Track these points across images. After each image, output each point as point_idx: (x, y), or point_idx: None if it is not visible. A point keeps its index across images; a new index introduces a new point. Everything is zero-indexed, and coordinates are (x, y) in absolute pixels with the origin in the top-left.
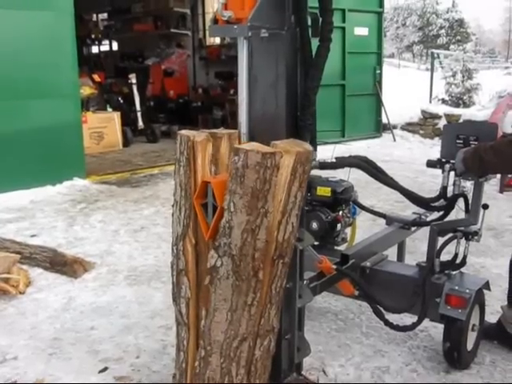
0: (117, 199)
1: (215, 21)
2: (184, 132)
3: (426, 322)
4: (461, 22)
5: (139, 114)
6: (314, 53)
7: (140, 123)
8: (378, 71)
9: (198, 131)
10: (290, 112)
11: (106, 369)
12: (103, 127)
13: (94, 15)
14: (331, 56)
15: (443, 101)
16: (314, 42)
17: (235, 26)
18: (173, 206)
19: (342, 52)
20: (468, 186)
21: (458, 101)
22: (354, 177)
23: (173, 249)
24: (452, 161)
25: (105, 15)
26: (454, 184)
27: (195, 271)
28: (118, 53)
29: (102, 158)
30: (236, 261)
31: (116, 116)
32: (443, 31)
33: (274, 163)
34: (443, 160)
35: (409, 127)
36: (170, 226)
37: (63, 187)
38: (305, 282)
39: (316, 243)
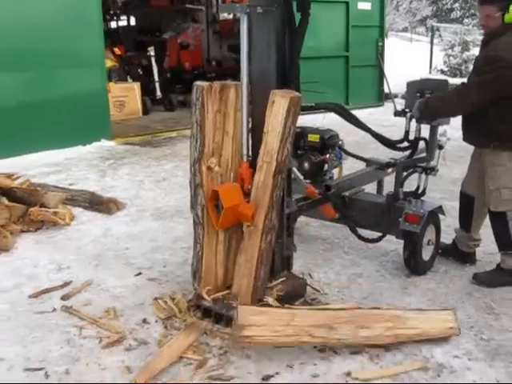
0: (140, 157)
1: (223, 1)
2: (198, 82)
3: (398, 245)
4: None
5: (157, 85)
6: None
7: (158, 93)
8: (380, 43)
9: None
10: (279, 69)
11: (140, 273)
12: (125, 96)
13: None
14: (336, 29)
15: (442, 71)
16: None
17: (237, 5)
18: (190, 137)
19: (346, 26)
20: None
21: (456, 71)
22: (355, 139)
23: (191, 169)
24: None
25: None
26: (415, 129)
27: (208, 185)
28: (135, 28)
29: (124, 124)
30: None
31: (136, 86)
32: (457, 5)
33: None
34: (406, 110)
35: None
36: (188, 177)
37: (92, 147)
38: (292, 198)
39: (308, 181)
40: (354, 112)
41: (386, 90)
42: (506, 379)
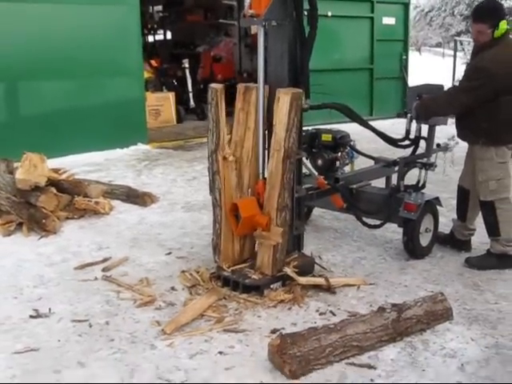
0: (173, 159)
1: (244, 16)
2: (213, 85)
3: (401, 234)
4: (510, 11)
5: (191, 95)
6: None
7: (191, 103)
8: (403, 57)
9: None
10: (291, 73)
11: (170, 253)
12: (160, 105)
13: (150, 7)
14: (361, 42)
15: None
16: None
17: (255, 19)
18: (207, 132)
19: (371, 39)
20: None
21: None
22: (374, 146)
23: (209, 158)
24: None
25: (159, 7)
26: (416, 129)
27: (223, 172)
28: (171, 41)
29: (159, 131)
30: None
31: (171, 96)
32: None
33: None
34: (407, 112)
35: None
36: None
37: (129, 150)
38: (302, 187)
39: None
40: (377, 122)
41: None
42: (480, 339)
